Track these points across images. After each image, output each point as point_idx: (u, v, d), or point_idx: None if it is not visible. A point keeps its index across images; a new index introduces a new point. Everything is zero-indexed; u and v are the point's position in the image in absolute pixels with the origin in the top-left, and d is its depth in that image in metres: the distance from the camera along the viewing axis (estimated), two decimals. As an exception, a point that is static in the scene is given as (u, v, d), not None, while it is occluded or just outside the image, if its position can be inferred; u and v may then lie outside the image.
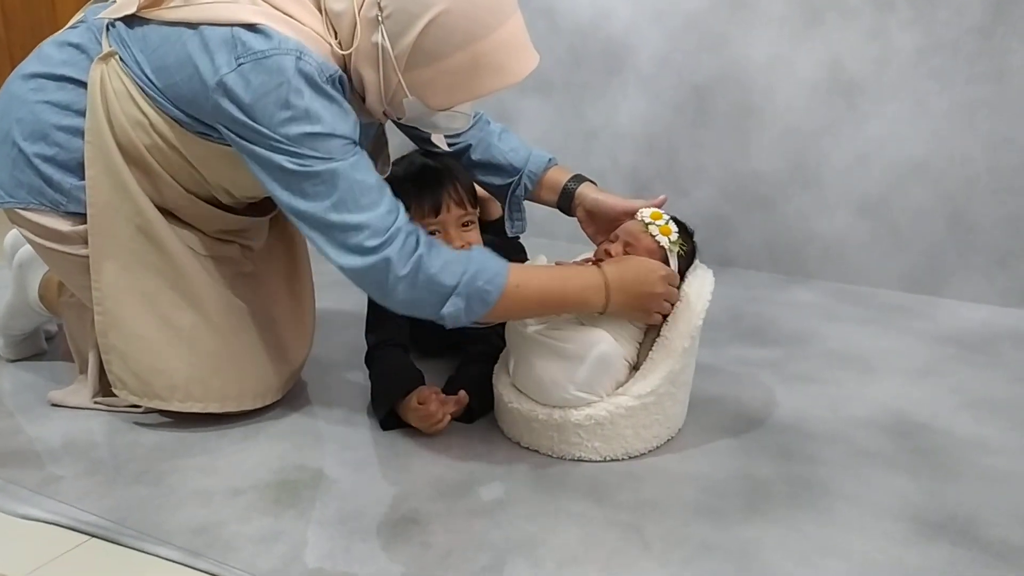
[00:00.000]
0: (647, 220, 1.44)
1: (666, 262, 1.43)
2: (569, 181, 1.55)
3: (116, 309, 1.35)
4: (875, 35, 2.07)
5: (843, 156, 2.17)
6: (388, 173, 1.49)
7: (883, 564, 1.08)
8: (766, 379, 1.63)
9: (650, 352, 1.34)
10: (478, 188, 1.61)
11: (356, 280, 1.24)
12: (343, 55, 1.25)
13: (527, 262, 1.58)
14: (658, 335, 1.34)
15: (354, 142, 1.23)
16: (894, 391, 1.58)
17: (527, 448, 1.35)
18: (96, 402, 1.48)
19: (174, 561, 1.09)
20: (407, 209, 1.33)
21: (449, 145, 1.55)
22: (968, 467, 1.31)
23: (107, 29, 1.31)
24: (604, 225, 1.50)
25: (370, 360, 1.52)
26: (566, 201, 1.55)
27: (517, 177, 1.57)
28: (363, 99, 1.29)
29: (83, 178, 1.32)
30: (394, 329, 1.54)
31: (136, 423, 1.44)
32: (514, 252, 1.78)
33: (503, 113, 2.65)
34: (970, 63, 1.98)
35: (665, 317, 1.36)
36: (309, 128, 1.18)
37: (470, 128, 1.59)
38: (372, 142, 1.45)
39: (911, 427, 1.44)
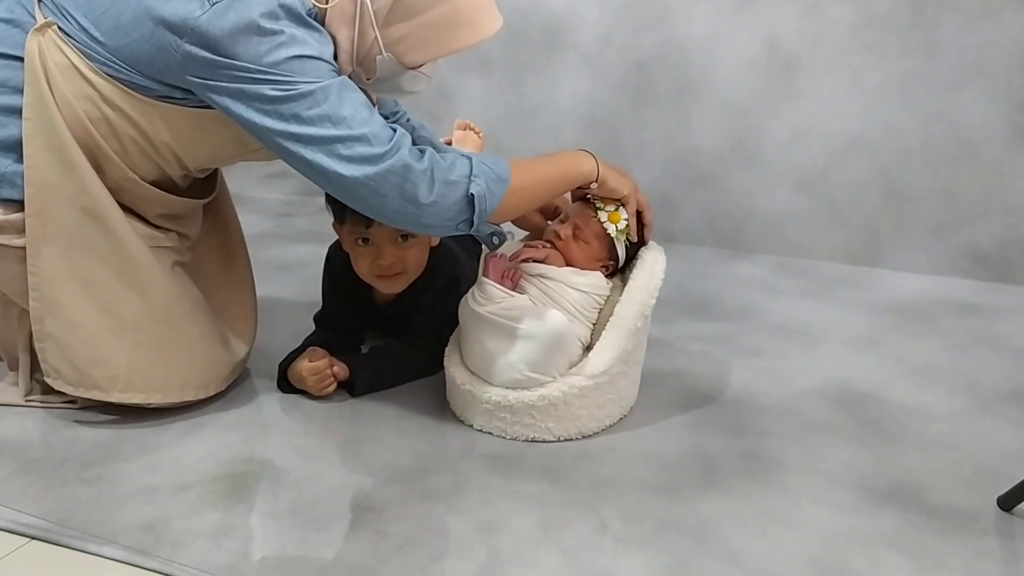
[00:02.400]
0: (598, 205, 1.43)
1: (613, 248, 1.43)
2: None
3: (54, 295, 1.28)
4: (810, 10, 2.09)
5: (781, 131, 2.20)
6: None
7: (836, 533, 1.09)
8: (714, 354, 1.64)
9: (603, 331, 1.33)
10: None
11: (374, 193, 1.17)
12: (319, 10, 1.21)
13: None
14: (611, 315, 1.34)
15: (337, 71, 1.19)
16: (838, 362, 1.60)
17: (480, 431, 1.34)
18: (28, 400, 1.42)
19: (121, 561, 1.05)
20: (344, 217, 1.38)
21: None
22: (913, 434, 1.34)
23: (38, 1, 1.24)
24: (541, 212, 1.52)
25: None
26: None
27: None
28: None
29: (20, 160, 1.25)
30: (343, 313, 1.52)
31: (73, 420, 1.38)
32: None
33: (443, 91, 2.61)
34: (902, 37, 2.02)
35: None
36: (297, 51, 1.14)
37: (394, 119, 1.58)
38: None
39: (856, 397, 1.46)
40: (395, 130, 1.20)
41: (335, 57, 1.23)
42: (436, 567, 1.03)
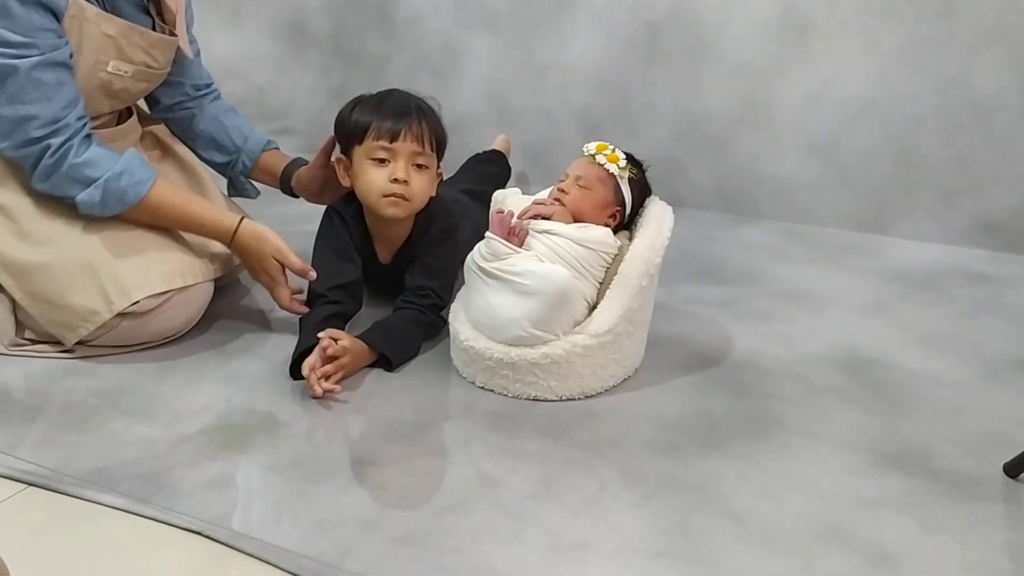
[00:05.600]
0: (592, 152, 1.44)
1: (618, 189, 1.42)
2: (288, 165, 1.63)
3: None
4: (828, -29, 2.05)
5: (794, 95, 2.16)
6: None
7: (841, 495, 1.08)
8: (720, 318, 1.62)
9: (607, 290, 1.32)
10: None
11: (8, 156, 1.31)
12: None
13: (504, 192, 1.56)
14: (616, 273, 1.32)
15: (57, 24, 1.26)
16: (845, 328, 1.59)
17: (483, 388, 1.33)
18: (24, 350, 1.40)
19: (119, 509, 1.04)
20: (367, 128, 1.39)
21: (174, 109, 1.60)
22: (920, 400, 1.33)
23: None
24: (318, 185, 1.58)
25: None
26: (287, 186, 1.65)
27: (236, 156, 1.63)
28: None
29: None
30: (335, 272, 1.50)
31: (73, 369, 1.37)
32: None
33: (448, 49, 2.57)
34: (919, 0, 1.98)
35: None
36: None
37: (201, 95, 1.61)
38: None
39: (863, 363, 1.45)
40: (73, 110, 1.29)
41: None
42: (437, 521, 1.02)
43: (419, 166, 1.42)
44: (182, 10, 1.47)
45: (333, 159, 1.51)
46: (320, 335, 1.30)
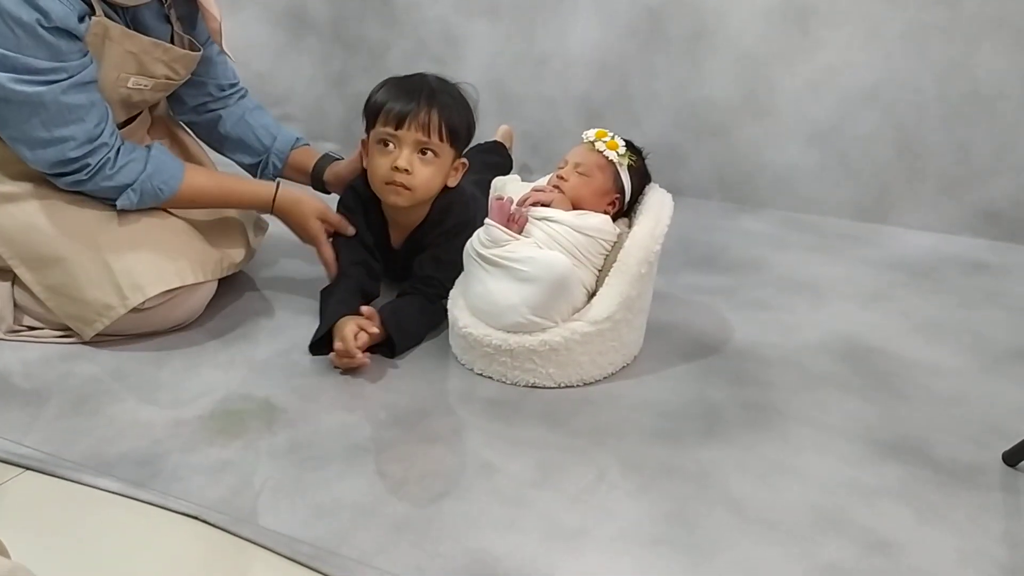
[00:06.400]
0: (592, 139, 1.43)
1: (617, 177, 1.41)
2: (319, 161, 1.61)
3: (19, 248, 1.33)
4: (830, -42, 2.04)
5: (795, 83, 2.15)
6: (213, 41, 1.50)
7: (839, 484, 1.08)
8: (719, 306, 1.62)
9: (606, 278, 1.31)
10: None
11: (44, 171, 1.32)
12: None
13: (504, 179, 1.56)
14: (615, 260, 1.32)
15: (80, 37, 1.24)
16: (845, 317, 1.58)
17: (481, 375, 1.33)
18: (21, 336, 1.40)
19: (117, 493, 1.04)
20: (379, 110, 1.38)
21: (199, 111, 1.59)
22: (919, 389, 1.32)
23: None
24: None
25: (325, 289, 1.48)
26: (318, 182, 1.62)
27: (265, 157, 1.61)
28: None
29: None
30: (357, 251, 1.50)
31: (69, 355, 1.36)
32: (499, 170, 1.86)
33: (450, 36, 2.55)
34: (923, -13, 1.97)
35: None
36: (38, 15, 1.17)
37: (226, 95, 1.59)
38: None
39: (862, 351, 1.45)
40: (104, 127, 1.30)
41: None
42: (434, 507, 1.02)
43: (425, 154, 1.40)
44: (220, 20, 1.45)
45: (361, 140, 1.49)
46: (363, 309, 1.34)
